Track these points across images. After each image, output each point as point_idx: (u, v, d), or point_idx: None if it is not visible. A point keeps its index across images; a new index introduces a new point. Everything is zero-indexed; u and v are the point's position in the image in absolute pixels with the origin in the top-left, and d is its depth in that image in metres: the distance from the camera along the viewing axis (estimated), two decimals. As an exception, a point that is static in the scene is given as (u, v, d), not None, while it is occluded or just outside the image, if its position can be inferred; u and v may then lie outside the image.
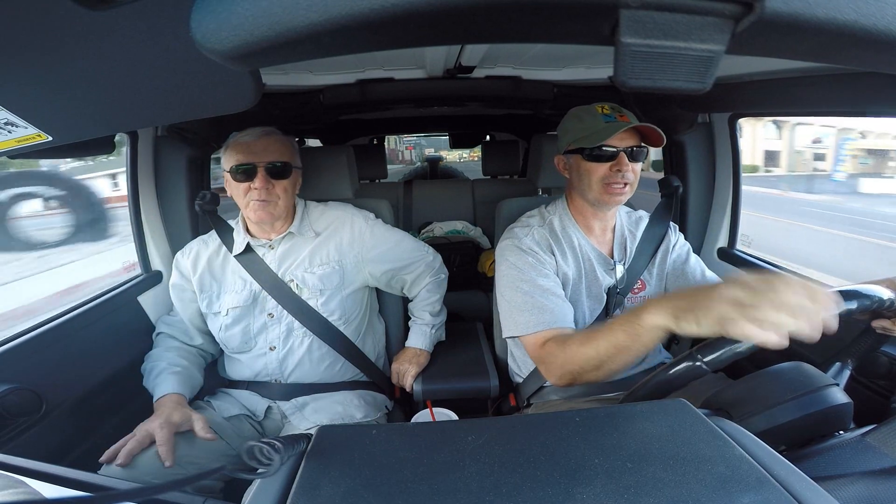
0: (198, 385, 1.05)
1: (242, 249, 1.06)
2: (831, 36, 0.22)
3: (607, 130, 0.87)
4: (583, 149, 0.90)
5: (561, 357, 0.78)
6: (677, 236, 1.06)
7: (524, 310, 0.88)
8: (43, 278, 4.02)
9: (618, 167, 0.89)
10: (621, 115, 0.90)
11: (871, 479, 0.46)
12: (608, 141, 0.87)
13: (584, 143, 0.90)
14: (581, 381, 0.77)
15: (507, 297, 0.92)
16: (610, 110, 0.91)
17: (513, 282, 0.92)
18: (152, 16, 0.36)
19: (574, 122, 0.94)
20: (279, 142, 1.00)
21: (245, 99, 0.50)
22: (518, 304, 0.89)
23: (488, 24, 0.23)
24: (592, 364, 0.72)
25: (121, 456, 0.79)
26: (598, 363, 0.71)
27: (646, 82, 0.25)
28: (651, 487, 0.37)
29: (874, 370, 0.85)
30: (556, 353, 0.80)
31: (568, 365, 0.77)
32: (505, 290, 0.93)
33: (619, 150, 0.88)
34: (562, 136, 0.97)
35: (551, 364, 0.81)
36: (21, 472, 0.48)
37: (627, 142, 0.89)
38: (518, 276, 0.91)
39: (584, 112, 0.93)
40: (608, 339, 0.68)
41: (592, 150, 0.89)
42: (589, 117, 0.91)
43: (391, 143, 16.14)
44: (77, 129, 0.54)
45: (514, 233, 0.98)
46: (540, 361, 0.86)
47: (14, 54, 0.39)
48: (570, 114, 0.96)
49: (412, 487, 0.38)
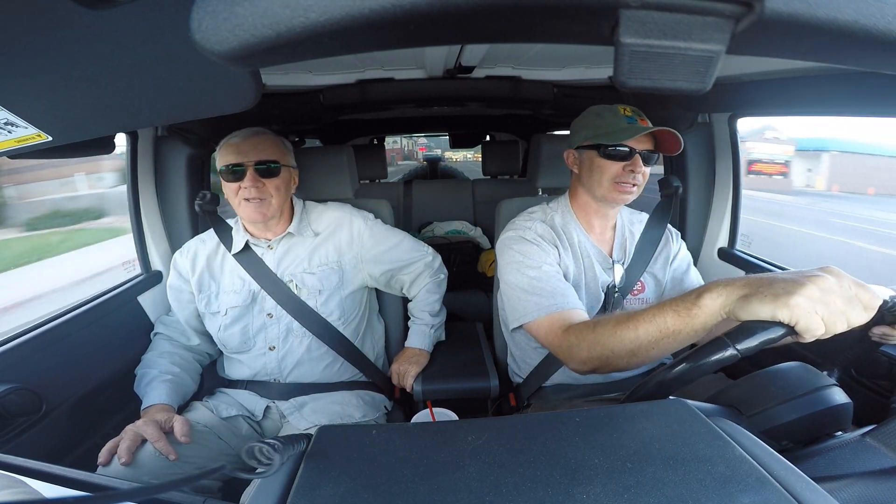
0: (189, 392, 1.05)
1: (241, 248, 1.06)
2: (831, 36, 0.22)
3: (629, 131, 0.88)
4: (599, 145, 0.91)
5: (590, 338, 0.72)
6: (679, 244, 1.06)
7: (533, 293, 0.85)
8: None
9: (632, 167, 0.90)
10: (642, 118, 0.92)
11: (871, 479, 0.46)
12: (627, 141, 0.88)
13: (602, 139, 0.91)
14: (608, 368, 0.71)
15: (512, 284, 0.89)
16: (632, 112, 0.92)
17: (518, 268, 0.89)
18: (152, 16, 0.36)
19: (593, 118, 0.95)
20: (269, 141, 1.01)
21: (245, 99, 0.50)
22: (526, 287, 0.86)
23: (488, 24, 0.23)
24: (628, 349, 0.66)
25: (123, 454, 0.79)
26: (636, 348, 0.65)
27: (646, 82, 0.25)
28: (651, 487, 0.37)
29: (874, 370, 0.85)
30: (584, 334, 0.73)
31: (598, 347, 0.70)
32: (510, 277, 0.90)
33: (635, 151, 0.89)
34: (577, 131, 0.98)
35: (576, 347, 0.74)
36: (21, 472, 0.48)
37: (644, 145, 0.90)
38: (523, 262, 0.90)
39: (605, 110, 0.94)
40: (654, 320, 0.63)
41: (609, 148, 0.90)
42: (611, 116, 0.92)
43: (402, 143, 16.42)
44: (77, 129, 0.54)
45: (516, 225, 0.98)
46: (561, 346, 0.79)
47: (14, 54, 0.39)
48: (591, 111, 0.97)
49: (412, 487, 0.38)
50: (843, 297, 0.50)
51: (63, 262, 4.76)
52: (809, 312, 0.49)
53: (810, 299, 0.49)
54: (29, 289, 1.08)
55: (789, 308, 0.49)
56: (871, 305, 0.51)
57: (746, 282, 0.55)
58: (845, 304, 0.50)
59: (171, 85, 0.46)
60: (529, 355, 1.07)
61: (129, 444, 0.80)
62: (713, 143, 1.37)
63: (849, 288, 0.51)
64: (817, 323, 0.49)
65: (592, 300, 0.98)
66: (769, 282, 0.53)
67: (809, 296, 0.50)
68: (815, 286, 0.50)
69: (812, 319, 0.49)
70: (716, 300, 0.57)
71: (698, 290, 0.60)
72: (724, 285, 0.57)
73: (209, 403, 1.03)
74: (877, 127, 19.60)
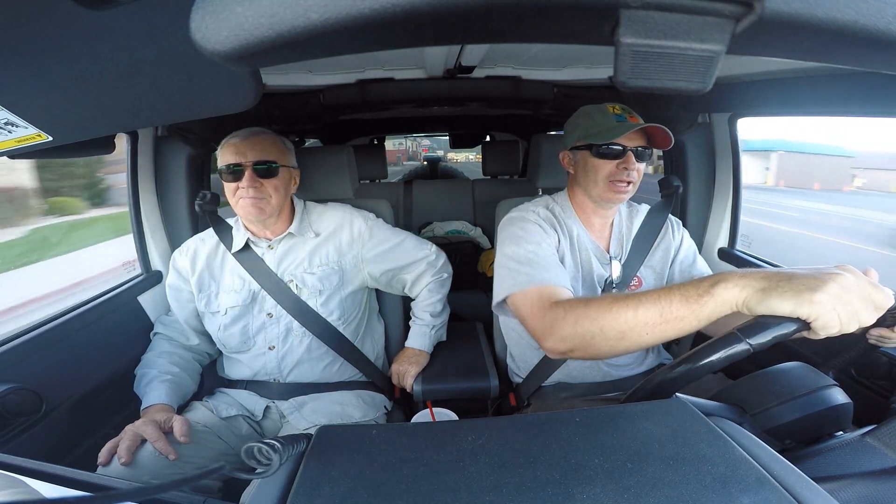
0: (189, 392, 1.05)
1: (242, 246, 1.06)
2: (831, 36, 0.22)
3: (619, 129, 0.88)
4: (592, 145, 0.91)
5: (580, 311, 0.66)
6: (681, 234, 1.06)
7: (527, 264, 0.82)
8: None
9: (625, 165, 0.90)
10: (632, 115, 0.92)
11: (871, 479, 0.46)
12: (618, 139, 0.88)
13: (594, 139, 0.91)
14: (587, 351, 0.66)
15: (508, 255, 0.86)
16: (621, 110, 0.92)
17: (517, 242, 0.88)
18: (152, 16, 0.36)
19: (584, 118, 0.95)
20: (268, 141, 1.01)
21: (245, 99, 0.50)
22: (521, 259, 0.84)
23: (488, 24, 0.23)
24: (619, 329, 0.62)
25: (123, 454, 0.79)
26: (628, 330, 0.61)
27: (646, 82, 0.25)
28: (651, 487, 0.37)
29: (874, 370, 0.85)
30: (575, 307, 0.68)
31: (587, 323, 0.64)
32: (506, 249, 0.88)
33: (627, 148, 0.90)
34: (570, 132, 0.98)
35: (560, 321, 0.68)
36: (21, 472, 0.48)
37: (636, 141, 0.90)
38: (523, 238, 0.88)
39: (595, 110, 0.94)
40: (658, 304, 0.59)
41: (601, 147, 0.90)
42: (600, 115, 0.92)
43: (407, 145, 16.51)
44: (77, 129, 0.54)
45: (520, 208, 0.99)
46: (543, 320, 0.72)
47: (14, 54, 0.39)
48: (581, 111, 0.97)
49: (412, 487, 0.38)
50: (860, 297, 0.50)
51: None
52: (830, 310, 0.49)
53: (833, 296, 0.49)
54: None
55: (812, 304, 0.49)
56: (882, 306, 0.51)
57: (765, 275, 0.54)
58: (861, 304, 0.50)
59: (171, 85, 0.46)
60: (529, 355, 1.07)
61: (128, 444, 0.80)
62: (713, 143, 1.37)
63: (864, 288, 0.51)
64: (835, 321, 0.49)
65: (588, 294, 0.98)
66: (789, 277, 0.52)
67: (832, 293, 0.49)
68: (837, 284, 0.50)
69: (831, 317, 0.49)
70: (731, 290, 0.55)
71: (712, 278, 0.57)
72: (740, 276, 0.55)
73: (209, 403, 1.02)
74: (819, 128, 22.22)
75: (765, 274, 0.54)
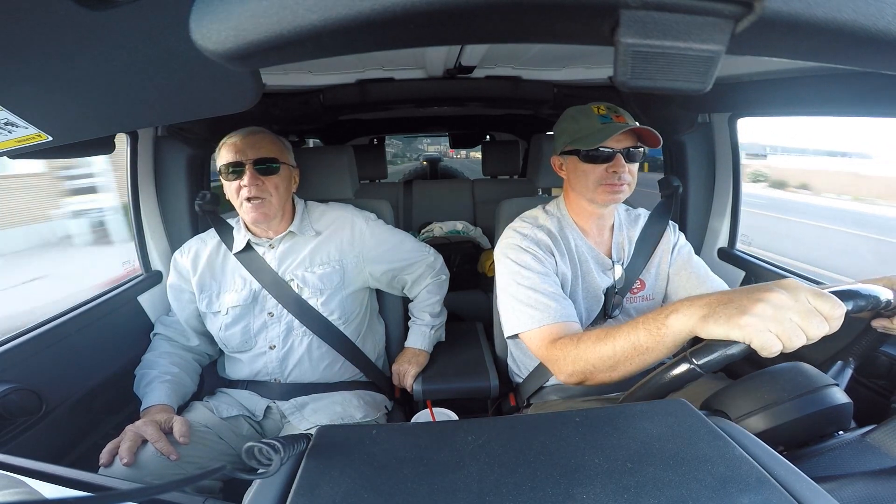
0: (189, 392, 1.05)
1: (243, 247, 1.06)
2: (831, 36, 0.22)
3: (604, 132, 0.86)
4: (579, 150, 0.89)
5: (573, 353, 0.74)
6: (677, 236, 1.06)
7: (527, 305, 0.86)
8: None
9: (614, 168, 0.88)
10: (618, 115, 0.89)
11: (871, 479, 0.46)
12: (604, 143, 0.86)
13: (580, 144, 0.89)
14: (593, 381, 0.73)
15: (509, 293, 0.90)
16: (606, 110, 0.89)
17: (514, 278, 0.90)
18: (152, 16, 0.36)
19: (569, 122, 0.93)
20: (267, 139, 1.01)
21: (245, 99, 0.50)
22: (521, 298, 0.87)
23: (488, 24, 0.23)
24: (607, 364, 0.68)
25: (125, 454, 0.79)
26: (614, 363, 0.67)
27: (646, 82, 0.24)
28: (651, 487, 0.37)
29: (874, 370, 0.85)
30: (568, 349, 0.75)
31: (580, 362, 0.72)
32: (507, 287, 0.91)
33: (615, 151, 0.87)
34: (557, 137, 0.97)
35: (561, 361, 0.77)
36: (21, 472, 0.48)
37: (624, 143, 0.88)
38: (519, 273, 0.90)
39: (579, 113, 0.92)
40: (628, 337, 0.65)
41: (589, 152, 0.88)
42: (585, 118, 0.90)
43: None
44: (77, 129, 0.54)
45: (513, 232, 0.97)
46: (548, 359, 0.82)
47: (14, 54, 0.39)
48: (566, 114, 0.96)
49: (412, 487, 0.38)
50: (798, 312, 0.50)
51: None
52: (761, 331, 0.50)
53: (762, 318, 0.50)
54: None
55: (741, 328, 0.50)
56: (833, 315, 0.50)
57: (707, 301, 0.57)
58: (802, 319, 0.50)
59: (171, 85, 0.46)
60: (529, 355, 1.07)
61: (130, 444, 0.80)
62: (713, 143, 1.37)
63: (806, 301, 0.51)
64: (772, 340, 0.49)
65: (591, 303, 0.98)
66: (726, 301, 0.54)
67: (761, 314, 0.50)
68: (768, 304, 0.51)
69: (765, 337, 0.49)
70: (680, 319, 0.59)
71: (667, 308, 0.62)
72: (688, 304, 0.59)
73: (209, 403, 1.02)
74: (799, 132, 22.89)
75: (708, 300, 0.57)
